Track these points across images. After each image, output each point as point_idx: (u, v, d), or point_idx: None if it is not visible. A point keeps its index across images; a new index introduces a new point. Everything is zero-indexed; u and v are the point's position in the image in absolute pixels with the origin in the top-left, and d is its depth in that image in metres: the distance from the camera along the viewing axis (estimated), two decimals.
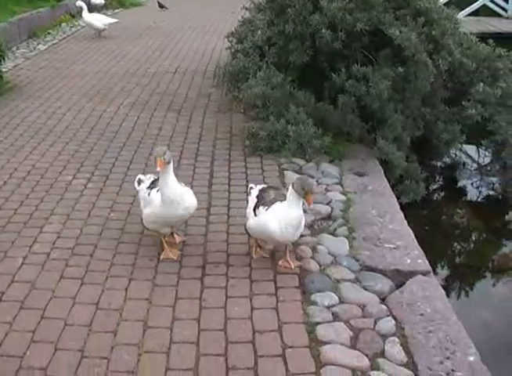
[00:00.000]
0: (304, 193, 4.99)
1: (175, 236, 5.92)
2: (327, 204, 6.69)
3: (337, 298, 5.06)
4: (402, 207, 6.85)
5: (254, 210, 5.34)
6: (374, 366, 4.33)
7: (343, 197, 6.87)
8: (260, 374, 4.23)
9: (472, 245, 8.41)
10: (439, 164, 10.37)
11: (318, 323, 4.70)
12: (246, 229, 5.53)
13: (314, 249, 5.78)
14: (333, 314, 4.87)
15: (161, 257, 5.64)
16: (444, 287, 5.67)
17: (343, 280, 5.32)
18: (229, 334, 4.64)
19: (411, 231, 6.14)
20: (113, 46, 15.75)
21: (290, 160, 7.91)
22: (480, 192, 9.73)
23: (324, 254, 5.68)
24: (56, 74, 12.80)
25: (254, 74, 8.88)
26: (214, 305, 4.94)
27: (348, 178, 7.41)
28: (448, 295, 5.87)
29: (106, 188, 7.22)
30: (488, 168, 10.47)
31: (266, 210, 5.20)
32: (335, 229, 6.17)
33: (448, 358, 4.40)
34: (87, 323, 4.74)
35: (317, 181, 7.31)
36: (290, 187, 5.05)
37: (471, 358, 4.41)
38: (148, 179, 5.86)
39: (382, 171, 7.68)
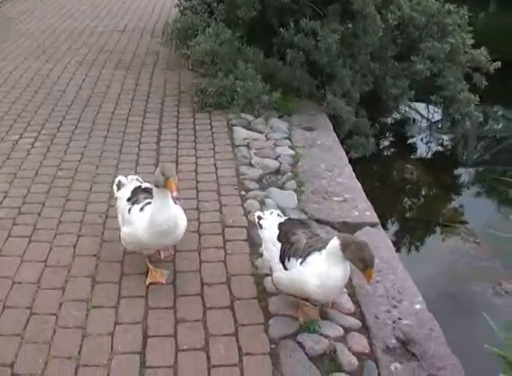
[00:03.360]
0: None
1: (153, 272, 4.79)
2: (276, 158, 6.71)
3: None
4: (352, 163, 6.88)
5: (283, 261, 4.12)
6: (322, 316, 4.36)
7: (291, 152, 6.90)
8: (209, 326, 4.25)
9: (421, 200, 8.51)
10: (389, 120, 10.45)
11: (266, 275, 4.72)
12: (273, 283, 4.34)
13: (262, 203, 5.80)
14: None
15: (147, 281, 4.68)
16: (392, 240, 5.74)
17: None
18: (178, 287, 4.64)
19: (359, 184, 6.19)
20: (59, 5, 15.43)
21: (239, 115, 7.90)
22: (429, 148, 9.83)
23: (272, 207, 5.66)
24: (2, 34, 12.53)
25: (203, 30, 8.80)
26: (163, 260, 4.94)
27: (297, 133, 7.43)
28: (396, 247, 5.95)
29: (53, 147, 7.12)
30: (439, 126, 10.58)
31: (301, 264, 4.00)
32: (283, 183, 6.19)
33: (394, 307, 4.46)
34: (35, 281, 4.70)
35: (266, 136, 7.34)
36: (333, 243, 3.88)
37: (417, 306, 4.48)
38: (129, 182, 4.99)
39: (331, 126, 7.71)
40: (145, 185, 4.87)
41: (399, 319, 4.33)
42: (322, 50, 7.84)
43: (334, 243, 3.85)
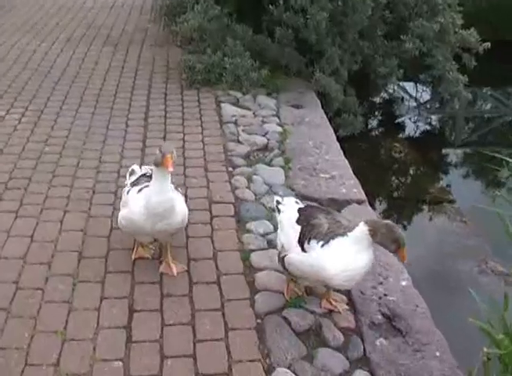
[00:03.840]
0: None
1: (172, 265, 4.56)
2: (263, 135, 6.72)
3: (271, 226, 5.08)
4: (340, 141, 6.88)
5: (301, 243, 3.98)
6: (308, 292, 4.38)
7: (279, 129, 6.90)
8: (195, 301, 4.26)
9: (409, 178, 8.52)
10: (378, 99, 10.44)
11: (252, 251, 4.73)
12: (283, 264, 4.13)
13: (249, 179, 5.81)
14: (267, 242, 4.91)
15: (133, 256, 4.65)
16: (379, 216, 5.74)
17: None
18: None
19: (347, 162, 6.19)
20: None
21: (227, 92, 7.90)
22: (418, 127, 9.84)
23: (260, 183, 5.70)
24: None
25: (192, 7, 8.74)
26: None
27: (285, 110, 7.43)
28: None
29: (40, 122, 7.09)
30: (428, 106, 10.58)
31: (322, 246, 3.87)
32: (271, 160, 6.20)
33: (381, 283, 4.48)
34: (21, 256, 4.69)
35: (254, 113, 7.34)
36: (360, 229, 3.79)
37: (403, 283, 4.50)
38: (141, 171, 4.76)
39: (319, 104, 7.70)
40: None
41: (385, 295, 4.35)
42: (311, 28, 7.81)
43: (362, 228, 3.75)
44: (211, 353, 3.82)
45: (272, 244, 4.84)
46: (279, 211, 4.32)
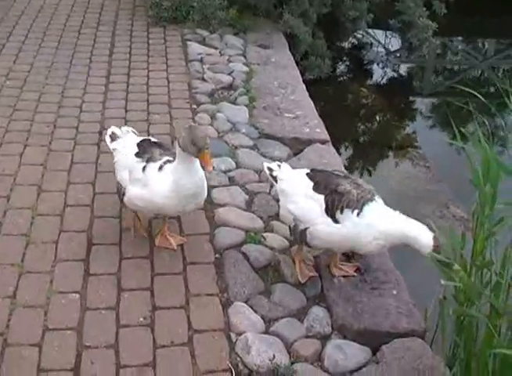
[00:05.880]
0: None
1: (170, 238, 4.22)
2: (229, 74, 6.65)
3: (234, 163, 5.08)
4: (307, 84, 6.83)
5: (332, 213, 3.70)
6: (268, 228, 4.39)
7: (245, 68, 6.84)
8: (152, 233, 4.26)
9: (375, 124, 8.49)
10: (346, 44, 10.34)
11: (214, 187, 4.71)
12: (303, 238, 3.81)
13: (213, 117, 5.77)
14: (229, 178, 4.90)
15: (156, 243, 4.18)
16: (344, 162, 5.74)
17: (241, 146, 5.34)
18: None
19: (311, 102, 6.17)
20: None
21: (194, 31, 7.79)
22: (386, 74, 9.78)
23: (223, 121, 5.66)
24: None
25: None
26: (109, 168, 4.78)
27: (252, 50, 7.36)
28: (348, 170, 5.97)
29: (1, 57, 6.97)
30: (398, 55, 10.53)
31: (358, 215, 3.66)
32: (236, 99, 6.15)
33: None
34: None
35: (220, 52, 7.26)
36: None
37: None
38: (125, 134, 4.36)
39: (287, 46, 7.63)
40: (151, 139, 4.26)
41: None
42: None
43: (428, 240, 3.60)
44: (169, 287, 3.82)
45: (233, 181, 4.85)
46: (275, 179, 4.05)
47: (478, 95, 4.31)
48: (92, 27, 7.92)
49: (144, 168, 3.84)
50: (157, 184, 3.77)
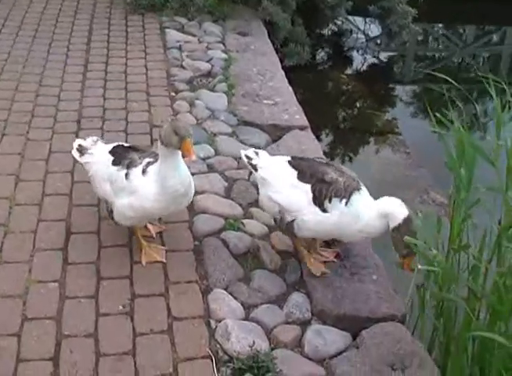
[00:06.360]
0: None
1: (149, 226, 4.17)
2: (208, 61, 6.64)
3: (213, 150, 5.07)
4: (287, 71, 6.82)
5: (320, 203, 3.65)
6: (247, 215, 4.39)
7: (224, 56, 6.83)
8: None
9: (355, 110, 8.50)
10: (326, 31, 10.32)
11: (193, 174, 4.64)
12: (290, 229, 3.80)
13: (192, 104, 5.75)
14: (208, 166, 4.89)
15: (143, 262, 3.91)
16: (325, 149, 5.73)
17: (220, 133, 5.33)
18: None
19: (291, 89, 6.17)
20: None
21: (172, 18, 7.76)
22: (366, 61, 9.79)
23: (202, 108, 5.65)
24: None
25: None
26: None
27: (231, 37, 7.35)
28: (329, 156, 5.98)
29: None
30: (378, 42, 10.53)
31: (346, 204, 3.62)
32: (214, 86, 6.14)
33: None
34: None
35: (199, 39, 7.24)
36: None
37: None
38: (94, 144, 4.10)
39: (266, 33, 7.62)
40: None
41: None
42: None
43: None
44: (148, 275, 3.81)
45: (212, 168, 4.85)
46: (254, 167, 3.95)
47: (454, 83, 4.33)
48: (70, 15, 7.86)
49: (127, 175, 3.67)
50: (144, 189, 3.61)
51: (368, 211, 3.61)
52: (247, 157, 4.00)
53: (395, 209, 3.54)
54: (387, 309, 3.65)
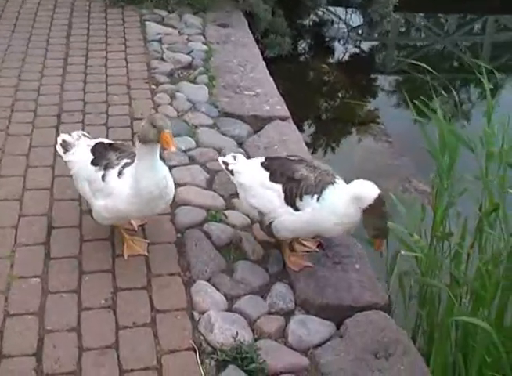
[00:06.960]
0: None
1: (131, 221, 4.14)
2: (188, 53, 6.63)
3: (194, 142, 5.06)
4: (268, 62, 6.82)
5: (292, 202, 3.63)
6: (229, 206, 4.38)
7: (204, 47, 6.82)
8: None
9: (337, 100, 8.52)
10: (307, 22, 10.33)
11: (174, 167, 4.68)
12: (270, 231, 3.78)
13: (172, 96, 5.74)
14: (189, 158, 4.88)
15: (125, 255, 3.88)
16: (307, 139, 5.72)
17: (201, 125, 5.32)
18: None
19: (272, 80, 6.18)
20: None
21: (152, 11, 7.75)
22: (348, 51, 9.80)
23: (183, 100, 5.65)
24: None
25: None
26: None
27: (211, 29, 7.34)
28: (311, 147, 5.98)
29: None
30: (359, 32, 10.54)
31: (318, 200, 3.57)
32: (195, 78, 6.14)
33: None
34: None
35: (179, 31, 7.23)
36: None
37: None
38: (78, 140, 4.06)
39: (246, 24, 7.62)
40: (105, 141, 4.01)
41: None
42: None
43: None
44: (131, 268, 3.79)
45: (193, 160, 4.84)
46: (232, 173, 3.93)
47: (434, 72, 4.35)
48: (49, 9, 7.82)
49: (103, 177, 3.64)
50: (118, 190, 3.57)
51: (343, 202, 3.53)
52: (224, 162, 3.98)
53: (366, 190, 3.48)
54: (370, 297, 3.65)
